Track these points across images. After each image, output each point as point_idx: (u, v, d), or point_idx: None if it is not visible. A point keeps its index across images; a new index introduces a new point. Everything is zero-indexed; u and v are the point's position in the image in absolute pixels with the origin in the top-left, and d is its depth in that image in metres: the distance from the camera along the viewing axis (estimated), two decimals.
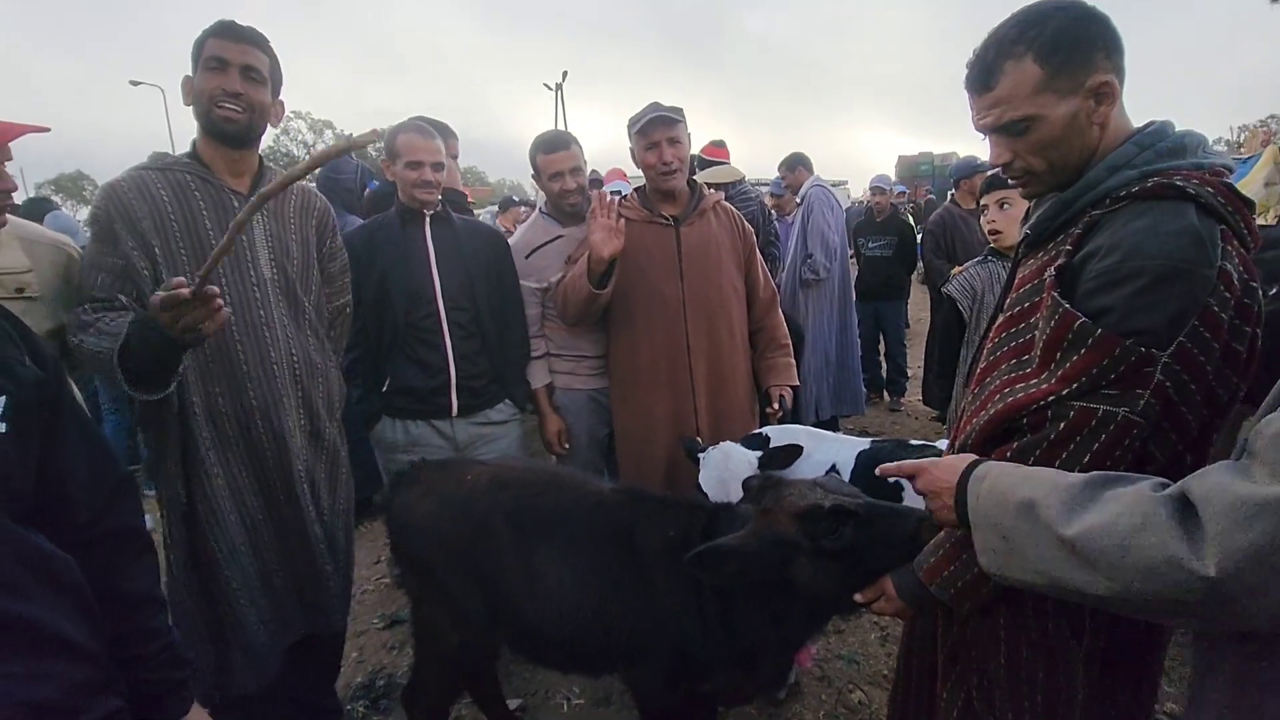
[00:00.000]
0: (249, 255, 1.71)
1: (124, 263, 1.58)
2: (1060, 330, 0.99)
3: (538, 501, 1.75)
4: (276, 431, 1.74)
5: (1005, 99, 1.06)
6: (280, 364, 1.75)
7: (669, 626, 1.57)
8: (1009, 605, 1.12)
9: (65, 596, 0.87)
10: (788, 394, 2.39)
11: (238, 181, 1.71)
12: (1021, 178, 1.14)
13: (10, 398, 0.85)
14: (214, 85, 1.61)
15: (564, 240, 2.46)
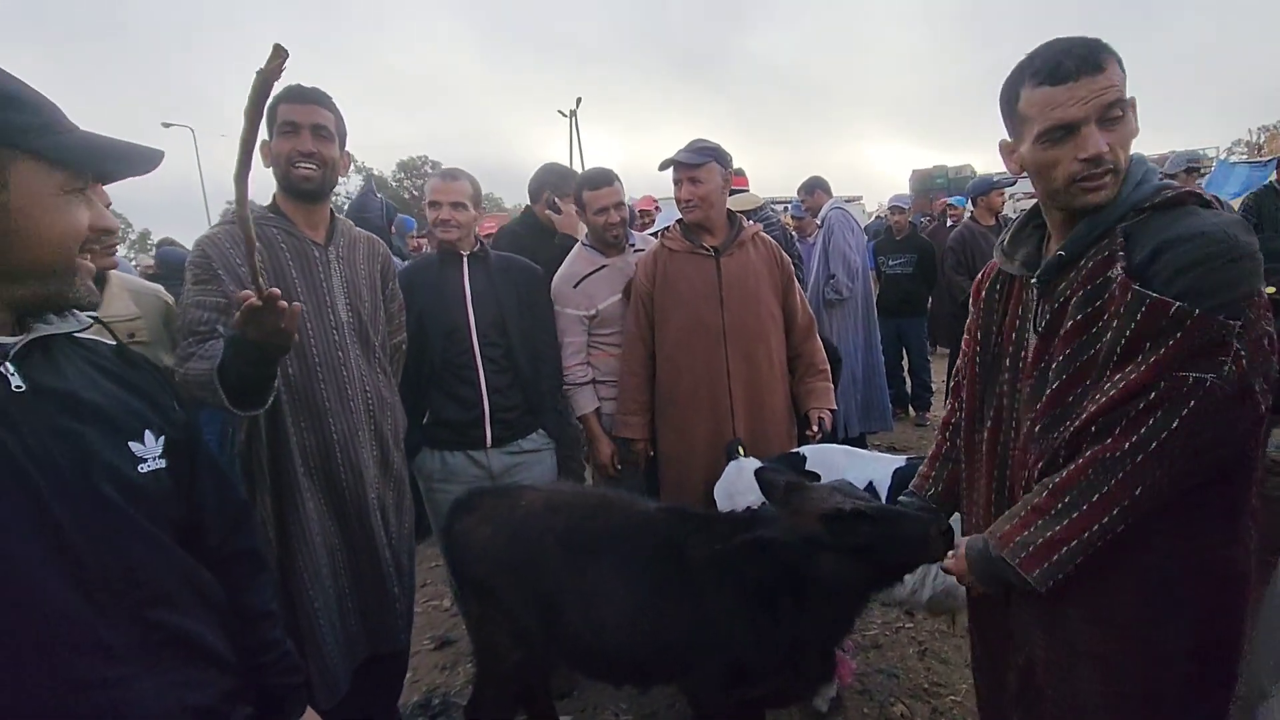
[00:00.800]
0: (328, 300, 1.84)
1: (225, 300, 1.69)
2: (1151, 319, 1.04)
3: (590, 523, 1.85)
4: (354, 462, 1.86)
5: (1116, 84, 1.10)
6: (356, 400, 1.88)
7: (721, 635, 1.67)
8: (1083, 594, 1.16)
9: (213, 613, 0.98)
10: (826, 417, 2.48)
11: (315, 233, 1.86)
12: (1105, 174, 1.13)
13: (167, 437, 0.96)
14: (289, 148, 1.77)
15: (608, 270, 2.62)
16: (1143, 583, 1.14)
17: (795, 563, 1.50)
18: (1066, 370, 1.16)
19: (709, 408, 2.42)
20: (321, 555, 1.83)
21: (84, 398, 0.88)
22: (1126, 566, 1.14)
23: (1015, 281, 1.33)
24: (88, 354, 0.94)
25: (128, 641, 0.85)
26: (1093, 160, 1.11)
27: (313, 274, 1.82)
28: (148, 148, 0.92)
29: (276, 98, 1.77)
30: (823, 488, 1.62)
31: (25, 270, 0.83)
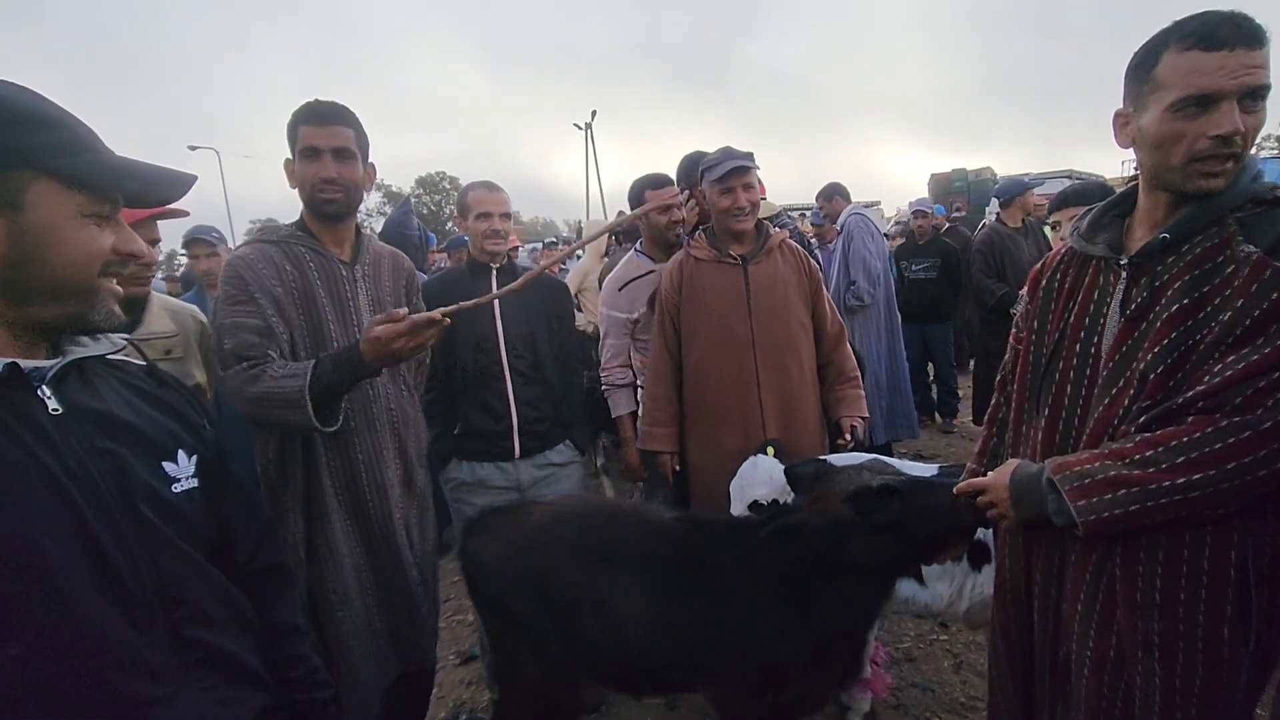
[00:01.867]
0: (354, 319, 1.83)
1: (263, 323, 1.70)
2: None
3: (604, 533, 1.83)
4: (379, 482, 1.84)
5: (1265, 66, 1.05)
6: (381, 419, 1.87)
7: (750, 638, 1.64)
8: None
9: (246, 630, 0.98)
10: (859, 425, 2.43)
11: (341, 250, 1.86)
12: (1229, 160, 1.09)
13: (200, 456, 0.96)
14: (311, 174, 1.76)
15: (655, 275, 2.61)
16: (1217, 579, 1.10)
17: (824, 546, 1.48)
18: (1170, 355, 1.11)
19: (739, 418, 2.38)
20: (350, 577, 1.82)
21: (120, 418, 0.88)
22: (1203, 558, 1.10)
23: (1089, 266, 1.29)
24: (121, 375, 0.95)
25: (167, 660, 0.85)
26: (1224, 140, 1.05)
27: (340, 292, 1.82)
28: (178, 171, 0.92)
29: (296, 118, 1.77)
30: (850, 469, 1.64)
31: (44, 291, 0.82)
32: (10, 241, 0.79)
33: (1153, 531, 1.11)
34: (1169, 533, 1.11)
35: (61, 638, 0.76)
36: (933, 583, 1.99)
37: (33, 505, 0.75)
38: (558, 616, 1.78)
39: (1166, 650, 1.12)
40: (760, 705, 1.69)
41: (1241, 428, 1.01)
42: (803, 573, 1.59)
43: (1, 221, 0.78)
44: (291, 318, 1.74)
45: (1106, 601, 1.18)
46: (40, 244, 0.80)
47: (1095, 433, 1.20)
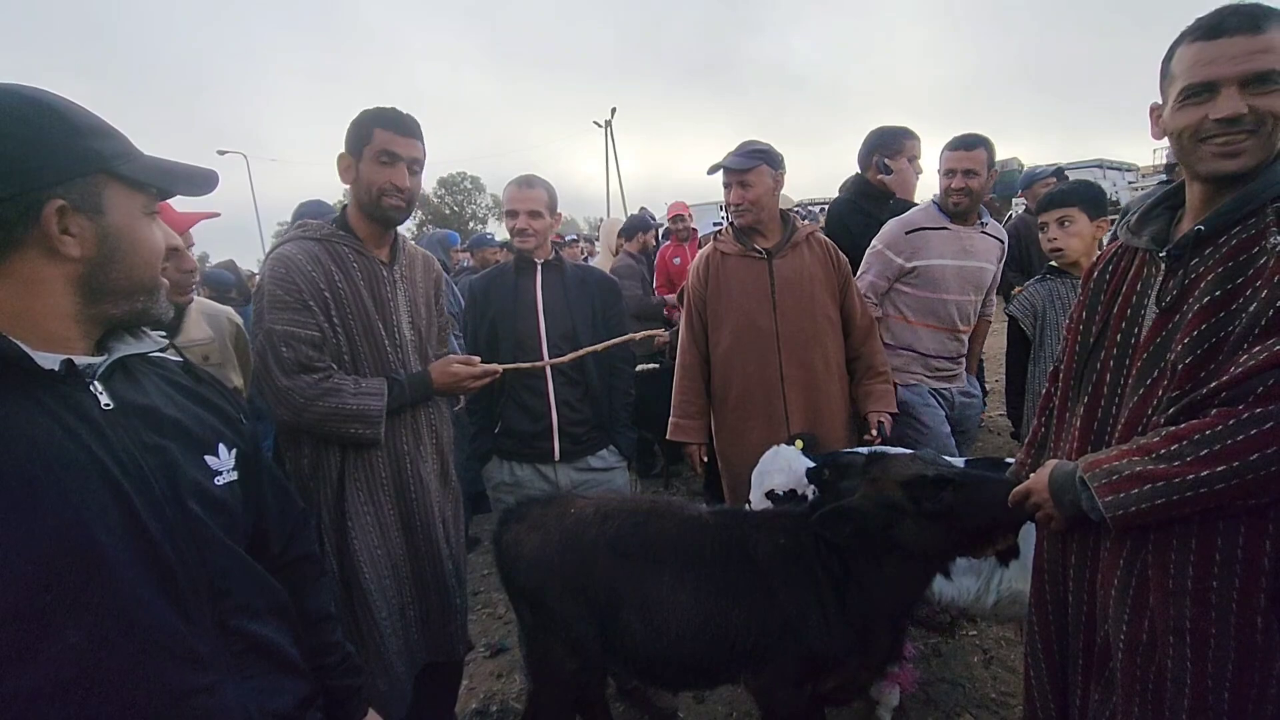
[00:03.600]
0: (394, 319, 1.86)
1: (319, 334, 1.73)
2: None
3: (644, 528, 1.84)
4: (420, 475, 1.89)
5: (1276, 48, 1.06)
6: (419, 414, 1.91)
7: (793, 627, 1.66)
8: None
9: (285, 620, 1.01)
10: (886, 420, 2.42)
11: (381, 251, 1.88)
12: (1243, 139, 1.09)
13: (239, 450, 0.99)
14: (384, 179, 1.76)
15: (949, 234, 2.63)
16: (1251, 568, 1.09)
17: (876, 529, 1.53)
18: (1200, 347, 1.11)
19: (763, 412, 2.39)
20: (385, 567, 1.84)
21: (165, 414, 0.91)
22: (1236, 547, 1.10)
23: (1135, 259, 1.30)
24: (161, 371, 0.97)
25: (214, 650, 0.88)
26: (1227, 121, 1.07)
27: (381, 293, 1.84)
28: (204, 168, 0.96)
29: (373, 120, 1.76)
30: (904, 457, 1.64)
31: (123, 288, 0.86)
32: (98, 244, 0.83)
33: (1185, 521, 1.11)
34: (1202, 522, 1.11)
35: (116, 627, 0.78)
36: (959, 577, 1.98)
37: (89, 498, 0.78)
38: (597, 611, 1.80)
39: (1198, 636, 1.13)
40: (802, 694, 1.71)
41: (1264, 419, 1.00)
42: (846, 558, 1.62)
43: (90, 225, 0.82)
44: (340, 318, 1.77)
45: (1139, 587, 1.19)
46: (121, 244, 0.85)
47: (1130, 423, 1.21)
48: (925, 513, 1.51)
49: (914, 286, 2.64)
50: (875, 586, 1.63)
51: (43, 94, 0.82)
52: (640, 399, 2.71)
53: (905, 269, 2.63)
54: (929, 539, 1.54)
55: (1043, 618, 1.44)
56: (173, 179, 0.91)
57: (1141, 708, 1.19)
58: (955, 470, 1.54)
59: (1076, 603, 1.34)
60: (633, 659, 1.84)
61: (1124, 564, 1.21)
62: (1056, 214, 2.26)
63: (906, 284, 2.65)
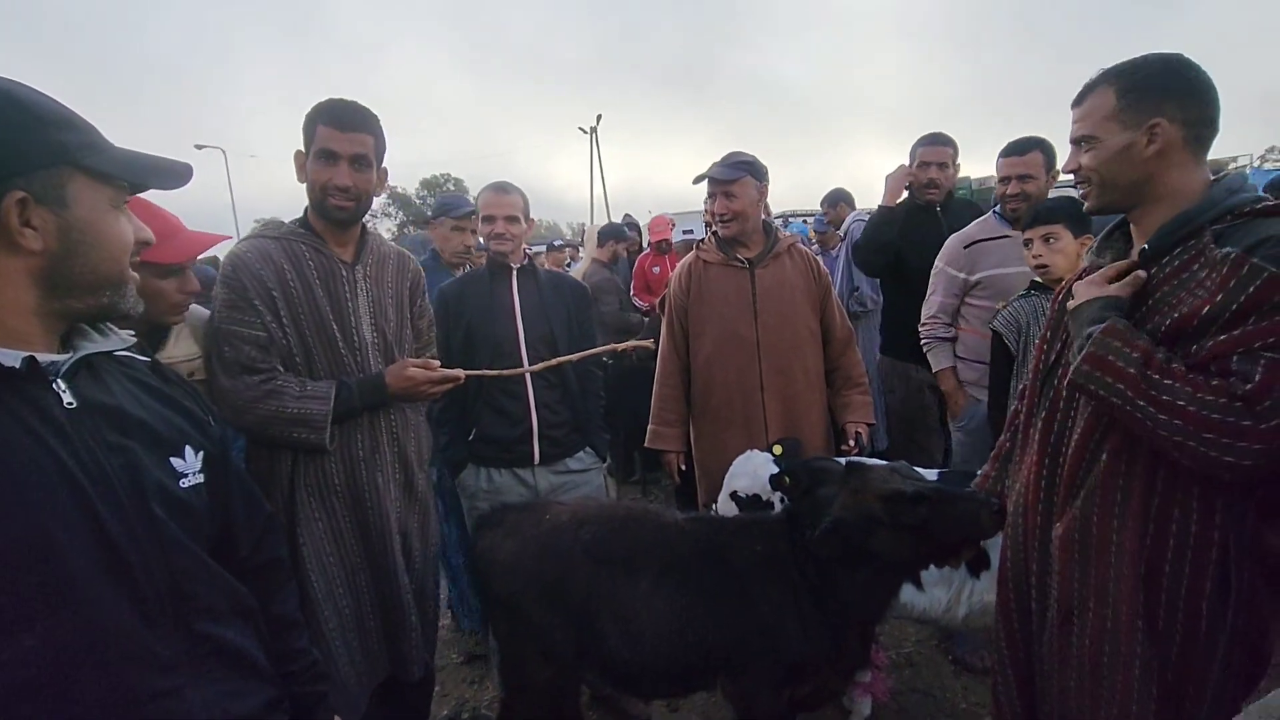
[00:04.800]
0: (352, 321, 1.79)
1: (265, 334, 1.68)
2: (1267, 293, 1.06)
3: (621, 535, 1.84)
4: (375, 483, 1.82)
5: (1084, 116, 1.28)
6: (379, 420, 1.83)
7: (772, 633, 1.68)
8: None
9: (250, 624, 0.99)
10: (864, 431, 2.45)
11: (344, 251, 1.82)
12: (1084, 186, 1.32)
13: (206, 452, 0.97)
14: (325, 178, 1.71)
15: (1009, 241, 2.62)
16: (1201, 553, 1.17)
17: (856, 540, 1.57)
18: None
19: (742, 420, 2.40)
20: (338, 576, 1.78)
21: (130, 414, 0.89)
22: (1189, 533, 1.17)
23: None
24: (128, 370, 0.95)
25: (176, 653, 0.86)
26: (1070, 172, 1.35)
27: (338, 293, 1.78)
28: (178, 161, 0.94)
29: (315, 116, 1.72)
30: (882, 469, 1.68)
31: (87, 283, 0.85)
32: (60, 237, 0.81)
33: (1143, 500, 1.19)
34: (1160, 506, 1.18)
35: (75, 630, 0.77)
36: (931, 588, 2.01)
37: (48, 499, 0.76)
38: (572, 618, 1.79)
39: (1151, 619, 1.20)
40: (780, 699, 1.73)
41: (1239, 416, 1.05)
42: (823, 566, 1.65)
43: (52, 218, 0.80)
44: (291, 318, 1.72)
45: (1100, 577, 1.24)
46: (85, 238, 0.83)
47: (1084, 435, 1.27)
48: (901, 526, 1.56)
49: (983, 298, 2.65)
50: (850, 594, 1.66)
51: (6, 83, 0.80)
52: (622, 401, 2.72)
53: (970, 283, 2.66)
54: (903, 550, 1.60)
55: (1008, 626, 1.47)
56: (143, 172, 0.90)
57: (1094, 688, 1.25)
58: (930, 486, 1.59)
59: (1040, 610, 1.37)
60: (608, 666, 1.84)
61: (1079, 553, 1.27)
62: (1042, 231, 2.29)
63: (975, 297, 2.67)
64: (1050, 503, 1.34)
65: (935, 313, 2.77)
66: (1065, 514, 1.29)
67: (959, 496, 1.56)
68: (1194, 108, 1.21)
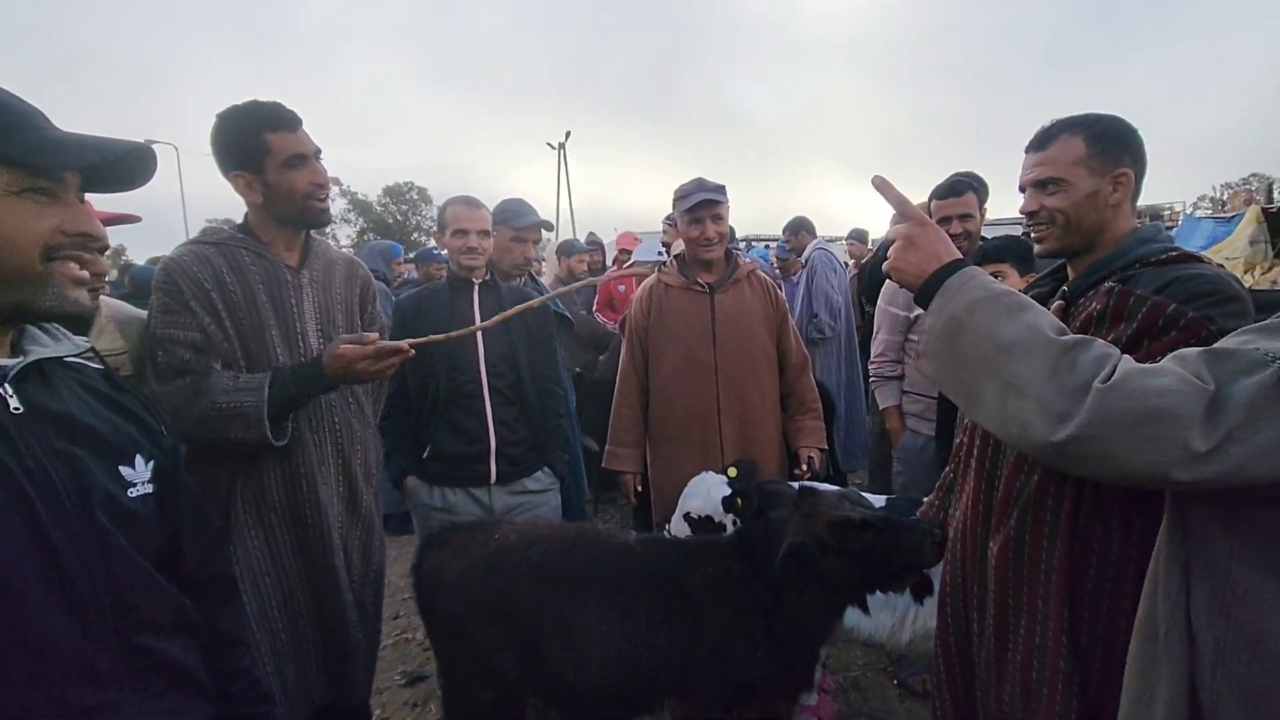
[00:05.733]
0: (298, 327, 1.74)
1: (202, 336, 1.61)
2: (1152, 318, 1.16)
3: (570, 556, 1.83)
4: (318, 499, 1.75)
5: (1051, 159, 1.33)
6: (322, 432, 1.77)
7: (722, 655, 1.69)
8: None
9: (193, 639, 0.97)
10: (816, 455, 2.49)
11: (290, 255, 1.77)
12: (1042, 228, 1.36)
13: (157, 462, 0.95)
14: (305, 181, 1.67)
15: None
16: (1122, 572, 1.22)
17: (805, 561, 1.61)
18: None
19: (698, 443, 2.43)
20: (273, 596, 1.72)
21: (80, 420, 0.87)
22: (1110, 551, 1.23)
23: None
24: (80, 377, 0.93)
25: (116, 667, 0.84)
26: (1028, 214, 1.37)
27: (283, 298, 1.72)
28: (135, 143, 0.88)
29: (257, 124, 1.64)
30: (833, 495, 1.72)
31: None
32: None
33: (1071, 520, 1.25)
34: (1085, 525, 1.25)
35: (10, 639, 0.75)
36: (877, 613, 2.04)
37: None
38: (518, 640, 1.77)
39: (1075, 636, 1.25)
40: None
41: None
42: (773, 588, 1.68)
43: None
44: (232, 322, 1.65)
45: (1031, 593, 1.30)
46: None
47: (1016, 464, 1.34)
48: (848, 551, 1.60)
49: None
50: (798, 616, 1.69)
51: None
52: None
53: (912, 319, 2.73)
54: (849, 575, 1.64)
55: (946, 649, 1.52)
56: (64, 153, 0.82)
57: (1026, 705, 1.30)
58: (877, 515, 1.64)
59: (979, 631, 1.42)
60: (554, 689, 1.81)
61: (1013, 573, 1.32)
62: (990, 269, 2.38)
63: (917, 333, 2.75)
64: (987, 525, 1.40)
65: (882, 351, 2.86)
66: (1000, 533, 1.34)
67: (904, 525, 1.61)
68: (1143, 163, 1.33)
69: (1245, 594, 0.81)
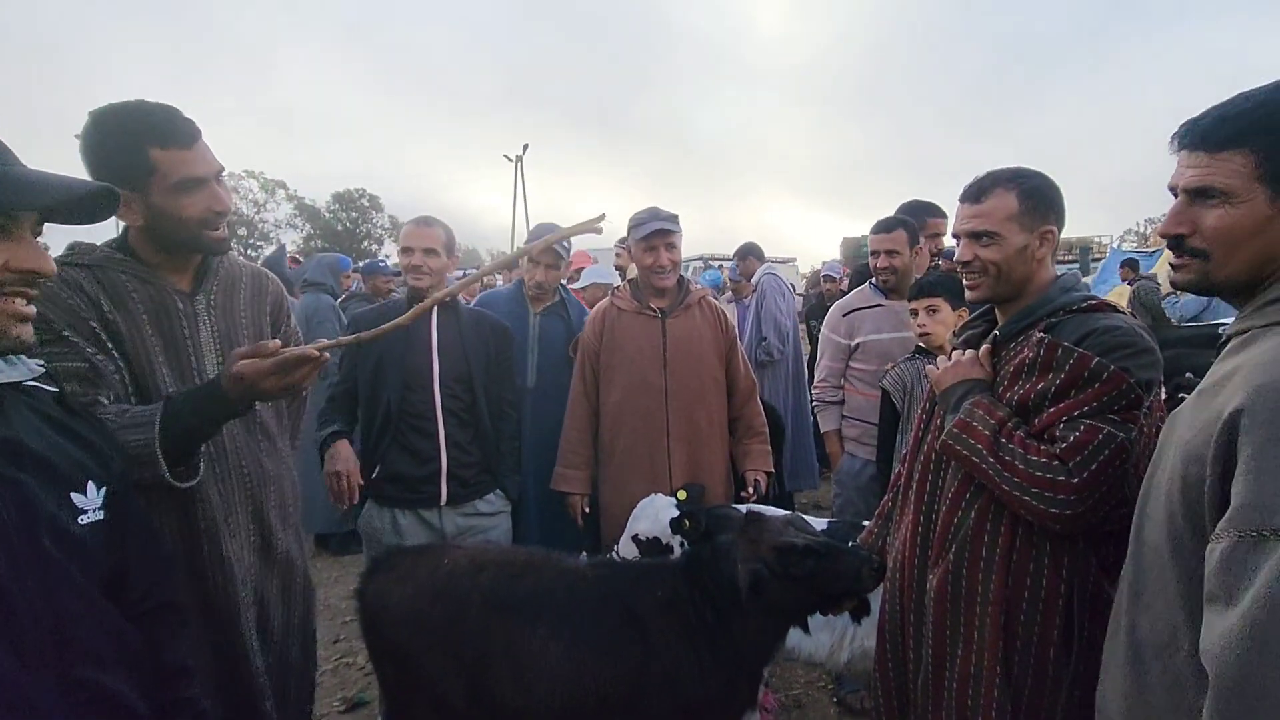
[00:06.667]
0: (193, 362, 1.51)
1: (86, 365, 1.38)
2: (1078, 371, 1.26)
3: (520, 581, 1.83)
4: (223, 554, 1.54)
5: (986, 214, 1.41)
6: (227, 479, 1.56)
7: (671, 676, 1.72)
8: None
9: (135, 671, 0.95)
10: (761, 479, 2.56)
11: (180, 279, 1.54)
12: (975, 277, 1.44)
13: (109, 489, 0.95)
14: (203, 205, 1.44)
15: (883, 310, 2.88)
16: (1050, 602, 1.32)
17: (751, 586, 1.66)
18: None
19: (647, 464, 2.47)
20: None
21: (28, 447, 0.86)
22: (1041, 586, 1.32)
23: None
24: (32, 402, 0.92)
25: (54, 701, 0.83)
26: (962, 263, 1.46)
27: (173, 329, 1.49)
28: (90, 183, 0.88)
29: (141, 139, 1.39)
30: (778, 520, 1.78)
31: None
32: None
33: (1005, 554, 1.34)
34: (1018, 560, 1.33)
35: None
36: (817, 633, 2.12)
37: None
38: (465, 666, 1.76)
39: (1008, 664, 1.33)
40: None
41: (1057, 473, 1.24)
42: (719, 611, 1.72)
43: None
44: (119, 352, 1.44)
45: (968, 624, 1.38)
46: None
47: (957, 493, 1.42)
48: (791, 576, 1.66)
49: (861, 362, 2.88)
50: (743, 637, 1.73)
51: None
52: None
53: (851, 347, 2.88)
54: (793, 598, 1.70)
55: (884, 675, 1.58)
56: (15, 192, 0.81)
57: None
58: (820, 541, 1.71)
59: (916, 659, 1.49)
60: (501, 715, 1.81)
61: (950, 604, 1.40)
62: (925, 303, 2.52)
63: (855, 360, 2.90)
64: (925, 557, 1.47)
65: (824, 376, 3.00)
66: (939, 566, 1.41)
67: (844, 552, 1.69)
68: (1063, 218, 1.44)
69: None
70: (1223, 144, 0.93)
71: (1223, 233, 0.94)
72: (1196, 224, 0.97)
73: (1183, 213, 0.99)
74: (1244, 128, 0.92)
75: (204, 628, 1.52)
